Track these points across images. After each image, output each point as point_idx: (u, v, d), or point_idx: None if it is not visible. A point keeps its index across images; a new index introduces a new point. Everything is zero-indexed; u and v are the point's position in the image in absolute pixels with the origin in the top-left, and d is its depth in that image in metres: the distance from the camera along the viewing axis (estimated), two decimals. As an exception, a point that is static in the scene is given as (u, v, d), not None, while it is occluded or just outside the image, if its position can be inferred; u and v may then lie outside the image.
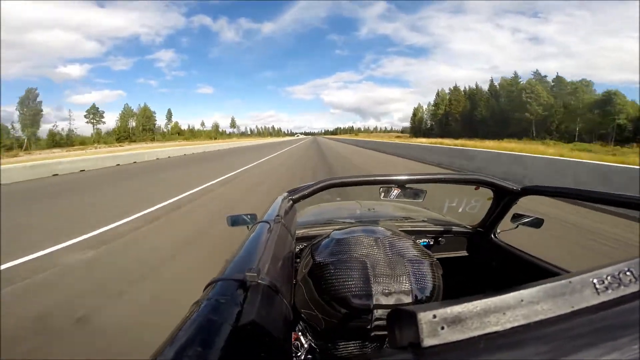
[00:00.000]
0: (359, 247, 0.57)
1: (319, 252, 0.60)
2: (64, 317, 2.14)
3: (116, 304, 2.31)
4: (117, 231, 4.11)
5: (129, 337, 1.91)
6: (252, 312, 0.32)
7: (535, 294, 0.25)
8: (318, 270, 0.56)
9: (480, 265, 1.29)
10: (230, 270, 0.43)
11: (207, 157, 18.12)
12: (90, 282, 2.69)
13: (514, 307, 0.24)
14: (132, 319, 2.12)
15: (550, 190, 0.97)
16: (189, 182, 7.93)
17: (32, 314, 2.18)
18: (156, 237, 3.89)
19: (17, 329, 1.99)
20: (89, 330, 2.01)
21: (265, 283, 0.38)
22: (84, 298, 2.40)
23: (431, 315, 0.23)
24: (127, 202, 6.06)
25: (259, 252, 0.49)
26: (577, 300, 0.26)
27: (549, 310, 0.25)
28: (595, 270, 0.28)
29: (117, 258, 3.26)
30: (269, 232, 0.60)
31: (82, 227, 4.22)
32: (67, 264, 3.10)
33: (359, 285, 0.52)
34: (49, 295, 2.46)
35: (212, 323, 0.31)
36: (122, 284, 2.61)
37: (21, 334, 1.96)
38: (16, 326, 2.03)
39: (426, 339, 0.22)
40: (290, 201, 0.91)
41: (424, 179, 1.06)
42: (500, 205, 1.16)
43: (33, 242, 3.67)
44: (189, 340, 0.28)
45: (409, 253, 0.57)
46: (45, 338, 1.92)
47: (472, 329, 0.23)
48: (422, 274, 0.55)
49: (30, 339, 1.91)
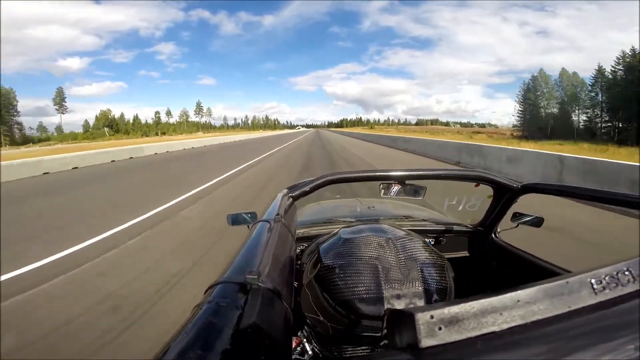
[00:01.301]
0: (369, 248, 0.55)
1: (326, 253, 0.58)
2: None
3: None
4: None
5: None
6: (253, 315, 0.32)
7: (532, 294, 0.25)
8: (326, 274, 0.54)
9: (481, 265, 1.29)
10: (230, 272, 0.43)
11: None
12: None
13: (511, 308, 0.25)
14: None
15: (551, 188, 0.96)
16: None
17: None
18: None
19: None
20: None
21: (265, 286, 0.38)
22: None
23: (428, 316, 0.23)
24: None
25: (259, 253, 0.49)
26: (574, 301, 0.26)
27: (546, 310, 0.25)
28: (594, 271, 0.28)
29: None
30: (269, 232, 0.60)
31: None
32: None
33: (370, 290, 0.50)
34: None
35: (213, 326, 0.31)
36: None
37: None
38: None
39: (424, 340, 0.23)
40: (290, 199, 0.91)
41: (424, 174, 1.06)
42: (501, 203, 1.15)
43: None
44: (189, 343, 0.29)
45: (421, 256, 0.55)
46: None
47: (470, 330, 0.23)
48: (436, 278, 0.53)
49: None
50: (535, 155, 7.77)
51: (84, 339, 2.07)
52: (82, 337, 2.10)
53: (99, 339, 2.04)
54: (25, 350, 2.02)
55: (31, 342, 2.07)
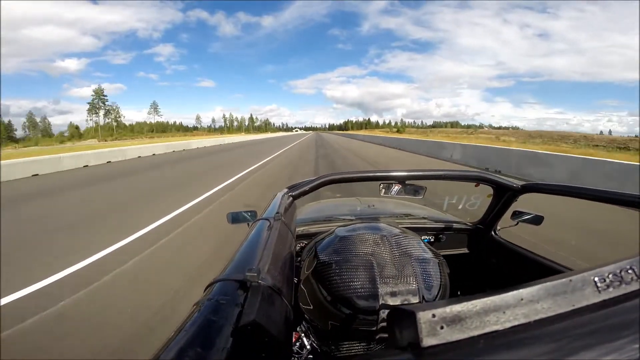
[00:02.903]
0: (364, 245, 0.56)
1: (322, 250, 0.59)
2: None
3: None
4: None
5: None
6: (253, 312, 0.31)
7: (535, 293, 0.25)
8: (322, 270, 0.55)
9: (481, 262, 1.30)
10: (230, 270, 0.43)
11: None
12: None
13: (514, 306, 0.24)
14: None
15: (551, 188, 0.96)
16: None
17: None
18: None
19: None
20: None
21: (265, 283, 0.38)
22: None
23: (430, 315, 0.23)
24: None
25: (259, 251, 0.49)
26: (577, 299, 0.25)
27: (549, 309, 0.25)
28: (597, 269, 0.27)
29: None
30: (269, 230, 0.60)
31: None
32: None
33: (365, 285, 0.51)
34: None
35: (213, 324, 0.31)
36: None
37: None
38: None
39: (426, 339, 0.22)
40: (290, 197, 0.90)
41: (424, 175, 1.05)
42: (500, 202, 1.15)
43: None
44: (189, 341, 0.28)
45: (416, 252, 0.56)
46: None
47: (472, 329, 0.23)
48: (430, 273, 0.54)
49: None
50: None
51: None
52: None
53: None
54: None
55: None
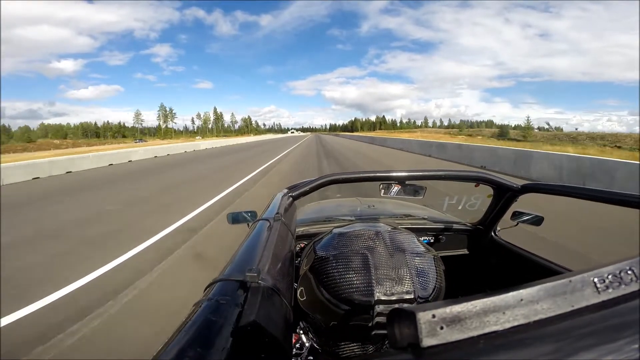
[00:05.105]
0: (360, 240, 0.57)
1: (320, 248, 0.60)
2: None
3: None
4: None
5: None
6: (253, 313, 0.31)
7: (535, 293, 0.25)
8: (319, 266, 0.56)
9: (481, 263, 1.30)
10: (230, 270, 0.43)
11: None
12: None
13: (514, 307, 0.24)
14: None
15: (551, 188, 0.97)
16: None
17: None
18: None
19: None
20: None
21: (265, 283, 0.38)
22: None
23: (430, 315, 0.23)
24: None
25: (259, 251, 0.49)
26: (577, 300, 0.25)
27: (549, 309, 0.25)
28: (596, 269, 0.27)
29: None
30: (268, 231, 0.60)
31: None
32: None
33: (360, 278, 0.52)
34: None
35: (213, 324, 0.31)
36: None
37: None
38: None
39: (425, 339, 0.22)
40: (290, 198, 0.91)
41: (424, 175, 1.05)
42: (500, 202, 1.15)
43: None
44: (189, 341, 0.28)
45: (409, 246, 0.57)
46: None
47: (472, 329, 0.23)
48: (423, 267, 0.55)
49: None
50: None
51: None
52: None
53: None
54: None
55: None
